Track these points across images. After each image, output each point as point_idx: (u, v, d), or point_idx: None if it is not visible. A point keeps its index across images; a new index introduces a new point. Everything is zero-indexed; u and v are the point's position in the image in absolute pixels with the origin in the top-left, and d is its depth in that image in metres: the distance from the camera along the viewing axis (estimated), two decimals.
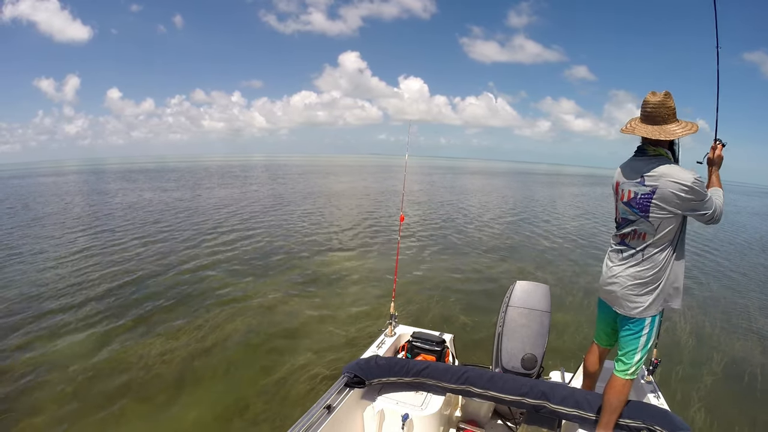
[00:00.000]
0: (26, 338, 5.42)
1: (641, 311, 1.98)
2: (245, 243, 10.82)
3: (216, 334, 5.56)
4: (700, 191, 1.84)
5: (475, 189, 32.60)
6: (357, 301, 6.81)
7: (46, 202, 20.35)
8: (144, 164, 78.75)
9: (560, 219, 17.02)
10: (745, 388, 4.71)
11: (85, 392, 4.24)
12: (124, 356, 4.97)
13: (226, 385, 4.43)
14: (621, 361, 2.06)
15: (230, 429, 3.76)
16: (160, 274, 8.14)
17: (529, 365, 2.63)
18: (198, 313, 6.24)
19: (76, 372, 4.61)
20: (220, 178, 37.14)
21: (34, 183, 35.36)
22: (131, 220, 14.30)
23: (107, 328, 5.75)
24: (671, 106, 1.90)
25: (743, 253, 12.45)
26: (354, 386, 2.37)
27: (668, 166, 1.88)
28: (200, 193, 23.53)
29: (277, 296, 6.96)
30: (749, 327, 6.47)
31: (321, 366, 4.72)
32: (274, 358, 4.97)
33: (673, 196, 1.84)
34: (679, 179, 1.83)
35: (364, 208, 18.00)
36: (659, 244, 1.93)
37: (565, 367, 2.96)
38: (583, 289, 7.63)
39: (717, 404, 4.28)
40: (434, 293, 7.15)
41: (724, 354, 5.39)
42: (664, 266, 1.94)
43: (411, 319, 5.85)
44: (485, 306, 6.48)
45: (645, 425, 2.04)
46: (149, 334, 5.55)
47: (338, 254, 9.86)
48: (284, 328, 5.80)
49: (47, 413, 3.91)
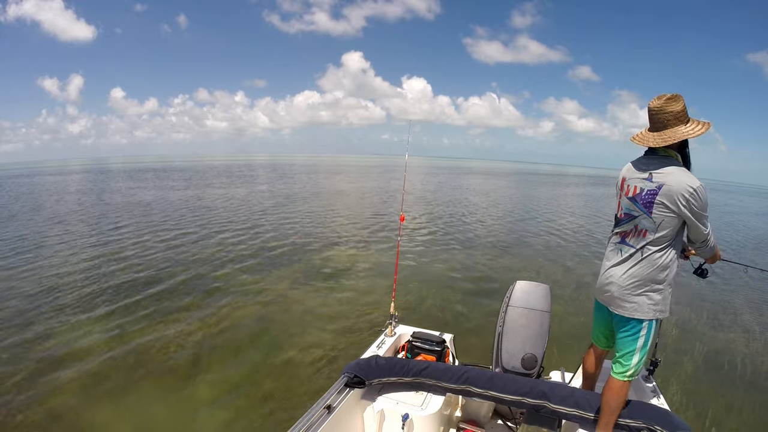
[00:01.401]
0: (49, 324, 5.78)
1: (638, 312, 1.97)
2: (256, 238, 11.26)
3: (227, 321, 5.96)
4: (703, 200, 1.85)
5: (477, 189, 32.55)
6: (357, 294, 7.03)
7: (61, 200, 20.64)
8: (148, 164, 79.25)
9: (561, 219, 16.97)
10: (727, 376, 4.93)
11: (105, 371, 4.60)
12: (141, 340, 5.34)
13: (237, 366, 4.77)
14: (619, 363, 2.05)
15: (240, 404, 4.04)
16: (174, 266, 8.56)
17: (529, 365, 2.62)
18: (210, 302, 6.65)
19: (96, 354, 4.98)
20: (228, 177, 37.44)
21: (43, 181, 35.76)
22: (145, 216, 14.79)
23: (125, 315, 6.10)
24: (672, 111, 1.87)
25: (738, 251, 12.61)
26: (354, 386, 2.37)
27: (677, 167, 1.88)
28: (210, 192, 23.85)
29: (284, 287, 7.39)
30: (734, 320, 6.65)
31: (324, 348, 5.13)
32: (282, 341, 5.35)
33: (678, 195, 1.83)
34: (686, 180, 1.84)
35: (367, 208, 18.02)
36: (659, 243, 1.93)
37: (565, 367, 2.96)
38: (584, 289, 7.61)
39: (697, 391, 4.47)
40: (434, 293, 7.16)
41: (708, 345, 5.63)
42: (662, 267, 1.93)
43: (411, 319, 5.87)
44: (485, 306, 6.48)
45: (645, 425, 2.04)
46: (165, 321, 5.91)
47: (341, 251, 10.00)
48: (290, 316, 6.18)
49: (70, 391, 4.24)
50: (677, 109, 1.87)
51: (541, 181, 51.37)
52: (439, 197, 23.82)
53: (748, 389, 4.67)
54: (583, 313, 6.32)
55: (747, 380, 4.87)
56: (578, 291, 7.58)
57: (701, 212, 1.87)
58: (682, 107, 1.88)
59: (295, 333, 5.59)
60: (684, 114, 1.89)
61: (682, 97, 1.88)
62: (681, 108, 1.88)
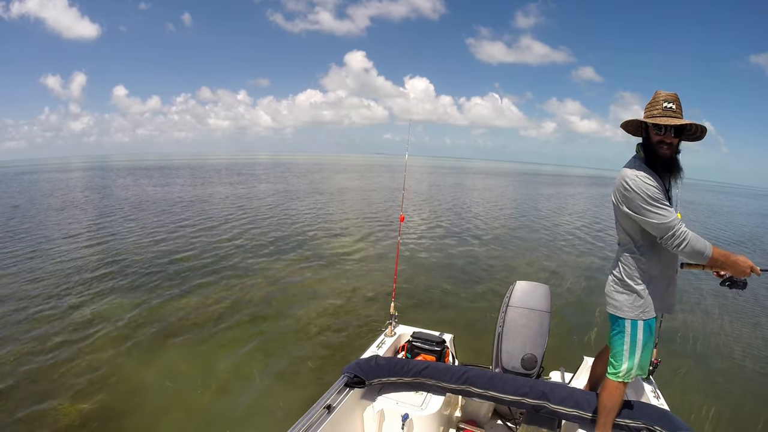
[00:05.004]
0: (80, 299, 6.59)
1: (620, 311, 1.99)
2: (265, 230, 12.06)
3: (240, 295, 6.86)
4: (635, 189, 1.80)
5: (479, 189, 32.56)
6: (357, 287, 7.36)
7: (70, 198, 20.82)
8: (152, 162, 79.75)
9: (562, 219, 16.98)
10: (727, 376, 4.99)
11: (134, 335, 5.38)
12: (163, 310, 6.19)
13: (250, 331, 5.60)
14: (611, 364, 2.06)
15: (255, 361, 4.79)
16: (188, 251, 9.57)
17: (529, 365, 2.62)
18: (225, 279, 7.62)
19: (124, 321, 5.76)
20: (237, 175, 37.79)
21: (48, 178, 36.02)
22: (155, 210, 15.52)
23: (149, 290, 6.99)
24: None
25: (735, 249, 12.72)
26: (354, 386, 2.37)
27: (629, 163, 1.93)
28: (218, 189, 24.23)
29: (292, 270, 8.35)
30: (734, 320, 6.71)
31: (324, 317, 6.02)
32: (290, 311, 6.23)
33: (616, 192, 1.92)
34: (622, 174, 1.88)
35: (369, 207, 18.03)
36: (626, 243, 1.98)
37: (565, 368, 2.96)
38: (584, 289, 7.61)
39: (697, 391, 4.50)
40: (435, 293, 7.17)
41: (708, 345, 5.73)
42: (636, 267, 1.94)
43: (411, 319, 5.88)
44: (485, 306, 6.48)
45: (645, 425, 2.04)
46: (184, 295, 6.77)
47: (342, 242, 10.52)
48: (295, 292, 7.10)
49: (107, 351, 4.95)
50: (650, 102, 1.93)
51: (543, 181, 51.33)
52: (439, 197, 23.81)
53: (748, 389, 4.67)
54: (584, 314, 6.32)
55: (747, 380, 4.87)
56: (578, 291, 7.57)
57: (637, 203, 1.82)
58: (651, 101, 1.93)
59: (301, 304, 6.56)
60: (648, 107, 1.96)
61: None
62: (650, 101, 1.93)
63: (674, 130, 1.83)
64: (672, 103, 1.84)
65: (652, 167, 1.87)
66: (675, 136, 1.84)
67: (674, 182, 1.96)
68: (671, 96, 1.85)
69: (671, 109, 1.84)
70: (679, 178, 1.94)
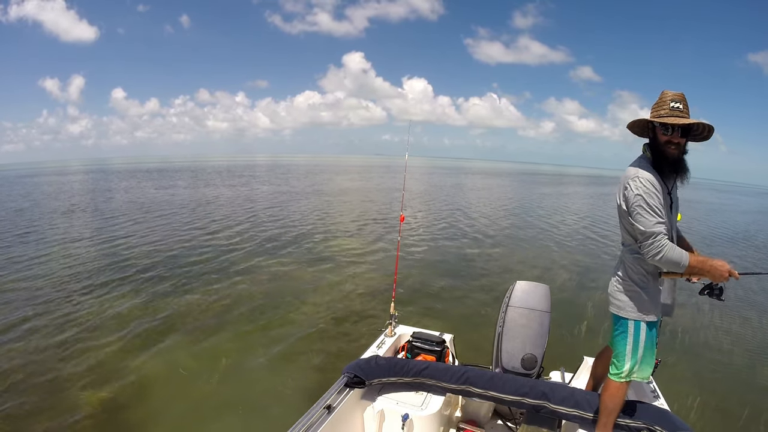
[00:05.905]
0: (87, 297, 6.79)
1: (622, 311, 1.99)
2: (267, 231, 12.21)
3: (242, 291, 7.16)
4: (635, 190, 1.80)
5: (478, 189, 32.55)
6: (357, 287, 7.43)
7: (76, 201, 20.85)
8: (152, 164, 79.68)
9: (562, 220, 16.96)
10: (727, 376, 5.00)
11: (138, 330, 5.61)
12: (167, 306, 6.44)
13: (252, 324, 5.89)
14: (613, 364, 2.06)
15: (255, 361, 4.90)
16: (192, 249, 9.96)
17: (529, 365, 2.62)
18: (227, 276, 7.91)
19: (131, 316, 6.01)
20: (238, 177, 37.87)
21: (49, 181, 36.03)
22: (161, 212, 15.64)
23: (153, 289, 7.20)
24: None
25: (728, 246, 13.00)
26: (354, 386, 2.37)
27: (634, 162, 1.93)
28: (222, 191, 24.38)
29: (292, 270, 8.50)
30: (734, 320, 6.71)
31: (324, 317, 6.13)
32: (290, 311, 6.39)
33: (620, 189, 1.92)
34: (626, 174, 1.88)
35: (369, 207, 18.03)
36: (628, 243, 1.98)
37: (565, 367, 2.96)
38: (584, 289, 7.60)
39: (696, 391, 4.46)
40: (434, 293, 7.16)
41: (708, 346, 5.75)
42: (638, 269, 1.95)
43: (411, 319, 5.88)
44: (485, 306, 6.48)
45: (645, 425, 2.04)
46: (188, 292, 7.03)
47: (342, 243, 10.60)
48: (296, 292, 7.21)
49: (114, 344, 5.19)
50: (657, 102, 1.93)
51: (542, 181, 51.33)
52: (439, 197, 23.81)
53: (748, 389, 4.67)
54: (584, 314, 6.31)
55: (747, 380, 4.87)
56: (579, 291, 7.56)
57: (632, 202, 1.82)
58: (657, 100, 1.93)
59: (301, 299, 6.85)
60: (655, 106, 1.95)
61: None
62: (657, 101, 1.93)
63: (681, 130, 1.82)
64: (679, 103, 1.83)
65: (658, 168, 1.87)
66: (682, 136, 1.83)
67: (680, 183, 1.95)
68: (678, 96, 1.84)
69: (679, 108, 1.82)
70: (686, 179, 1.92)
